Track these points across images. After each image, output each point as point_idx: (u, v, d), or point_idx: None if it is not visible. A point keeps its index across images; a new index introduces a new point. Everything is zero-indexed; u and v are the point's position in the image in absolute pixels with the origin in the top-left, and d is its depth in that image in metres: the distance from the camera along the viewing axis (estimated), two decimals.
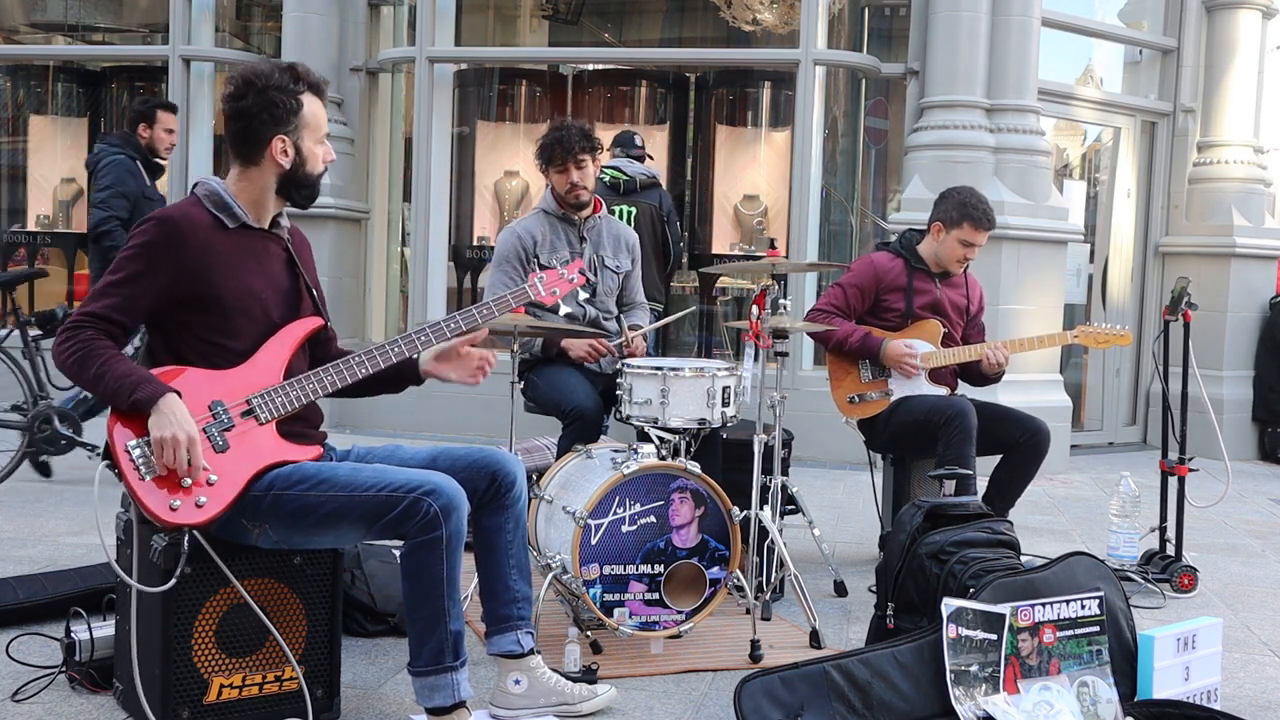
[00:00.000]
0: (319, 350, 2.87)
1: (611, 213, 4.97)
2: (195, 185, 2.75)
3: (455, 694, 2.63)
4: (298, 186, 2.75)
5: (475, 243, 8.04)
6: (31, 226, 8.92)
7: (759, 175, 8.04)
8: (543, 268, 3.85)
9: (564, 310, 3.75)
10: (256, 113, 2.68)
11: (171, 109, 6.05)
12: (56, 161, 8.99)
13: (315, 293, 2.86)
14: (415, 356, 2.86)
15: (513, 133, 8.23)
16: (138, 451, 2.48)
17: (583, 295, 3.25)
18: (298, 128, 2.71)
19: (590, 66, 8.64)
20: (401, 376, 2.91)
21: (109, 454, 2.51)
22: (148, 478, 2.47)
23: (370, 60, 7.94)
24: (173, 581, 2.52)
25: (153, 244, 2.59)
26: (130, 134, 5.92)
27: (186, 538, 2.51)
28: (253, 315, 2.68)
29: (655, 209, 5.95)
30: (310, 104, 2.73)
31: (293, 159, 2.71)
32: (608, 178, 5.81)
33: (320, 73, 2.84)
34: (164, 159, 6.03)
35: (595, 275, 4.27)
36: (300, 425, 2.71)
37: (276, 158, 2.70)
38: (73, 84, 9.08)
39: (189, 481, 2.48)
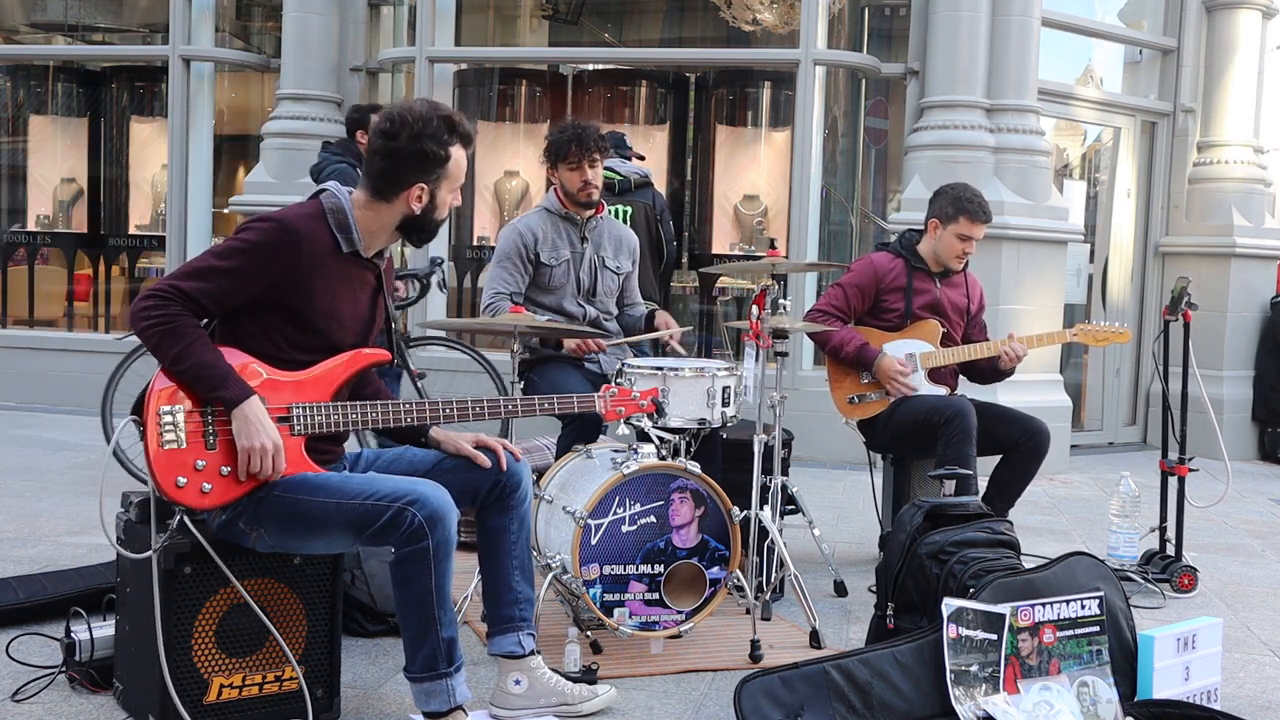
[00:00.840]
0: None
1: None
2: (322, 192, 2.72)
3: (451, 699, 2.63)
4: (419, 230, 2.76)
5: (475, 243, 8.03)
6: (31, 226, 8.92)
7: (759, 175, 8.04)
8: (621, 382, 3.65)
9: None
10: (404, 156, 2.67)
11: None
12: (56, 161, 8.99)
13: (389, 323, 2.88)
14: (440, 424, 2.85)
15: (513, 133, 8.23)
16: (169, 419, 2.48)
17: (647, 424, 3.27)
18: (439, 178, 2.71)
19: (590, 66, 8.63)
20: (410, 435, 2.89)
21: (140, 409, 2.51)
22: (168, 446, 2.48)
23: (370, 60, 7.94)
24: (150, 553, 2.52)
25: (268, 246, 2.57)
26: (349, 141, 5.95)
27: (179, 516, 2.52)
28: (328, 337, 2.68)
29: (649, 207, 5.96)
30: (456, 155, 2.72)
31: (424, 206, 2.71)
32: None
33: (320, 73, 2.82)
34: None
35: (596, 275, 4.27)
36: (327, 443, 2.72)
37: (411, 202, 2.70)
38: (73, 84, 9.08)
39: (203, 465, 2.49)
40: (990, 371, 4.47)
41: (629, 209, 5.77)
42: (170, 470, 2.48)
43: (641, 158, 6.37)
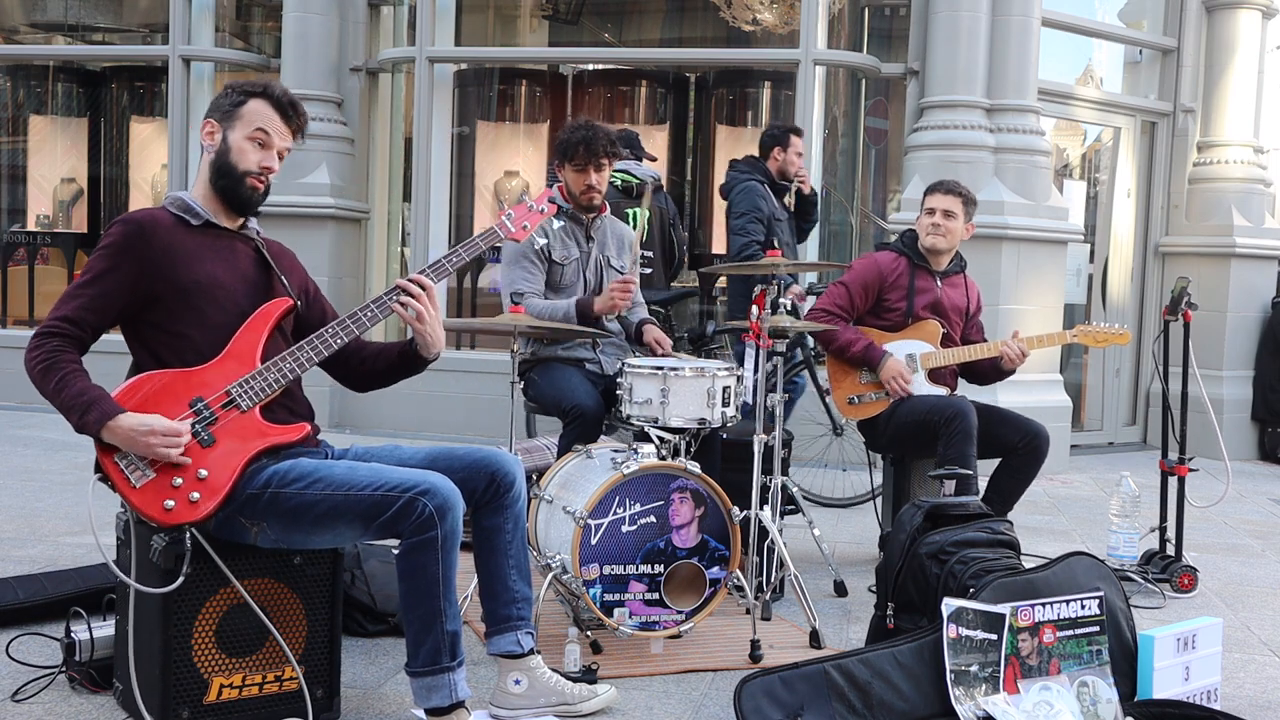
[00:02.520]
0: (351, 356, 2.90)
1: (623, 217, 4.94)
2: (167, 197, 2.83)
3: (453, 694, 2.63)
4: (220, 174, 2.76)
5: None
6: (31, 226, 8.92)
7: None
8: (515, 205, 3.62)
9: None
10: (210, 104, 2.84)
11: (800, 133, 6.03)
12: (56, 161, 8.99)
13: (289, 285, 2.86)
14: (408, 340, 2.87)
15: (512, 133, 8.23)
16: (127, 460, 2.49)
17: (556, 223, 3.15)
18: (230, 119, 2.77)
19: (590, 66, 8.64)
20: (408, 360, 2.91)
21: (100, 466, 2.52)
22: (139, 484, 2.49)
23: (370, 60, 7.94)
24: (179, 581, 2.51)
25: (116, 244, 2.65)
26: (758, 159, 5.94)
27: (188, 536, 2.52)
28: (220, 304, 2.69)
29: (663, 210, 5.95)
30: (254, 104, 2.79)
31: (218, 145, 2.76)
32: (619, 181, 5.73)
33: (320, 73, 2.89)
34: (792, 181, 6.01)
35: (601, 275, 4.26)
36: (283, 411, 2.72)
37: (204, 139, 2.79)
38: (73, 84, 9.08)
39: (180, 482, 2.50)
40: (992, 371, 4.47)
41: (645, 212, 5.76)
42: (154, 501, 2.49)
43: (653, 159, 6.36)
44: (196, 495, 2.50)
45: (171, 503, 2.48)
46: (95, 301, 2.62)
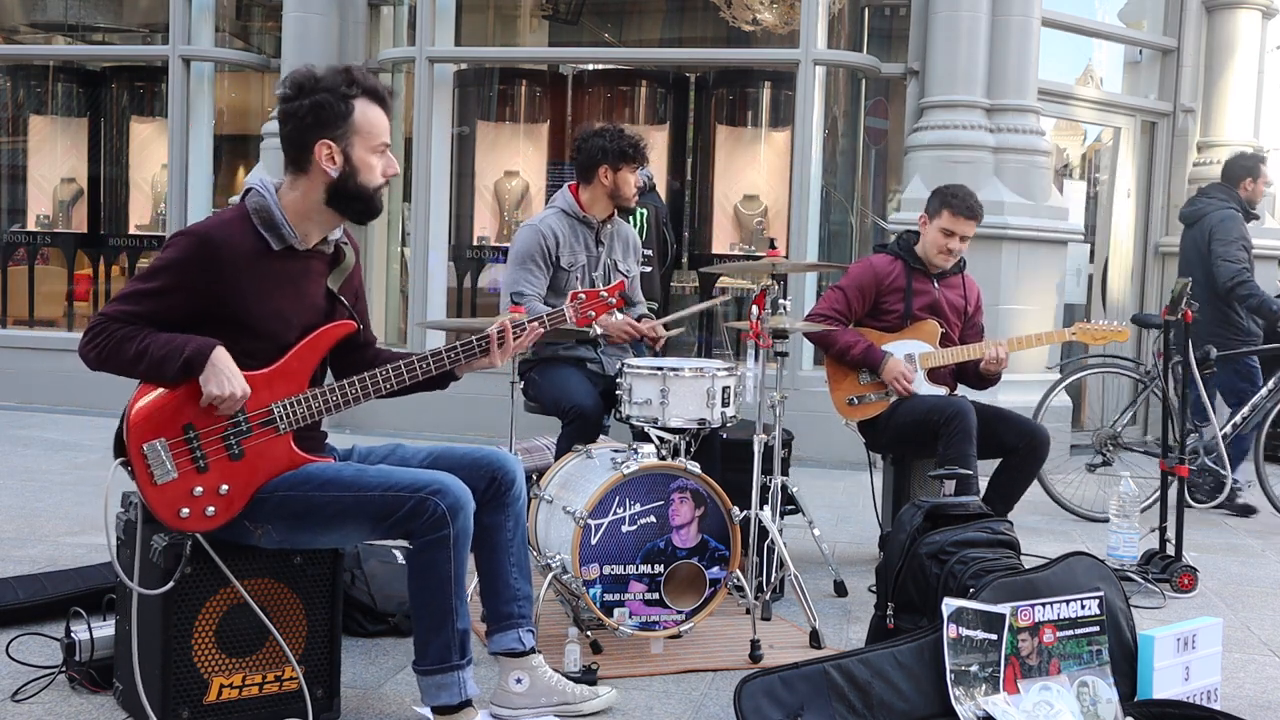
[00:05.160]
0: (355, 355, 2.82)
1: (626, 216, 4.97)
2: (248, 191, 2.64)
3: (462, 692, 2.64)
4: (349, 199, 2.61)
5: (475, 243, 8.03)
6: (31, 226, 8.92)
7: (759, 175, 8.04)
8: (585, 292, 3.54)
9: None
10: (304, 115, 2.57)
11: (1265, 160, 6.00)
12: (56, 161, 8.99)
13: (358, 304, 2.82)
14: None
15: (512, 133, 8.23)
16: (153, 455, 2.48)
17: (618, 316, 3.02)
18: (347, 134, 2.57)
19: (590, 66, 8.64)
20: (436, 377, 2.80)
21: (122, 449, 2.50)
22: (160, 481, 2.47)
23: (370, 60, 7.93)
24: (170, 584, 2.52)
25: (185, 262, 2.52)
26: (1230, 187, 5.90)
27: (189, 542, 2.52)
28: (284, 340, 2.63)
29: (658, 209, 5.98)
30: (364, 109, 2.59)
31: (341, 167, 2.58)
32: None
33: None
34: (1255, 212, 5.97)
35: (608, 279, 4.25)
36: (308, 430, 2.70)
37: (323, 165, 2.58)
38: (73, 84, 9.09)
39: (200, 491, 2.49)
40: (975, 377, 4.44)
41: (644, 211, 5.78)
42: (170, 504, 2.48)
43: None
44: (212, 510, 2.51)
45: (186, 511, 2.49)
46: (151, 314, 2.52)
